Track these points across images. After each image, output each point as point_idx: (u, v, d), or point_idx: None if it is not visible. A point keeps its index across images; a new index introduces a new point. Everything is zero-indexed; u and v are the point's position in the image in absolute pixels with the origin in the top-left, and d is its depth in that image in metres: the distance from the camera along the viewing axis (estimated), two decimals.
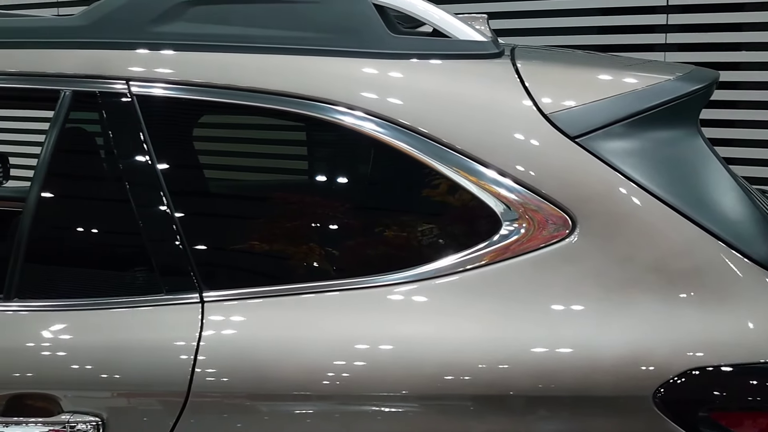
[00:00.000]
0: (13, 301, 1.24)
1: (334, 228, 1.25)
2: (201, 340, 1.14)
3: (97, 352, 1.17)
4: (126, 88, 1.28)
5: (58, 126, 1.28)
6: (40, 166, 1.27)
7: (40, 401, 1.17)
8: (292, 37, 1.27)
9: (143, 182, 1.24)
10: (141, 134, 1.25)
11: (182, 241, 1.21)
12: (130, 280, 1.24)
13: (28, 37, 1.37)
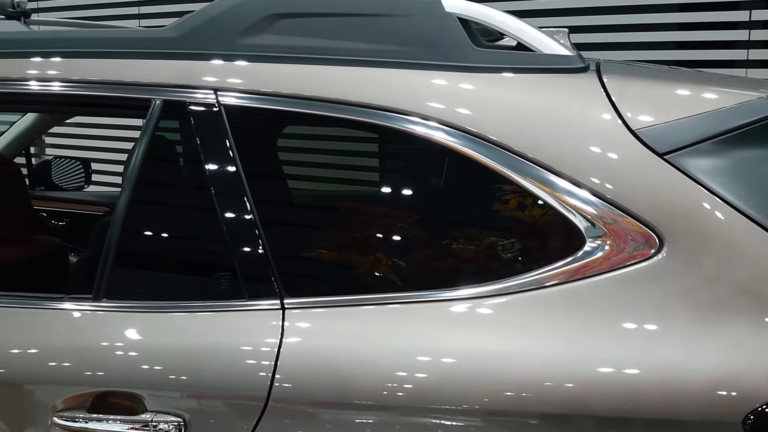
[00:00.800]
0: (101, 302, 1.28)
1: (414, 240, 1.25)
2: (281, 347, 1.16)
3: (180, 354, 1.20)
4: (214, 98, 1.31)
5: (148, 134, 1.33)
6: (130, 173, 1.31)
7: (126, 400, 1.20)
8: (376, 50, 1.28)
9: (229, 190, 1.26)
10: (227, 143, 1.28)
11: (264, 248, 1.23)
12: (213, 284, 1.27)
13: (122, 48, 1.42)
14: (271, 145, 1.36)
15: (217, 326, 1.21)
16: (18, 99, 1.50)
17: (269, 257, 1.23)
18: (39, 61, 1.45)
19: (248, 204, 1.25)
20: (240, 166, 1.27)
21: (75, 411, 1.21)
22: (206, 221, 1.30)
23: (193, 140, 1.30)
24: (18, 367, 1.25)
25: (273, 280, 1.22)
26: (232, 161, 1.27)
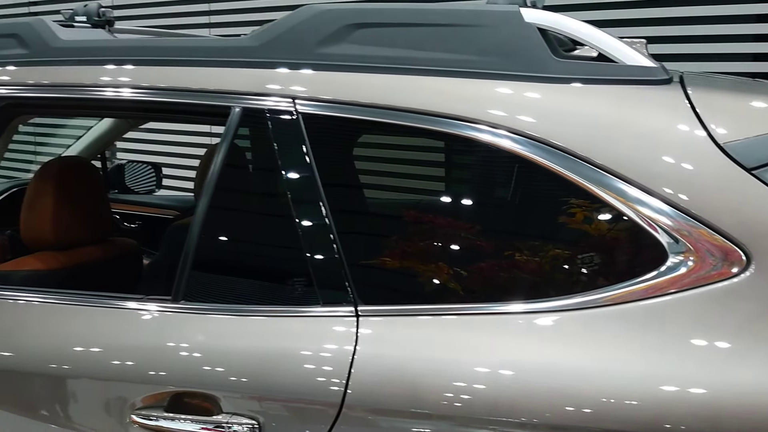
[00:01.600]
0: (180, 303, 1.31)
1: (489, 251, 1.25)
2: (356, 354, 1.16)
3: (255, 358, 1.21)
4: (292, 106, 1.33)
5: (227, 141, 1.36)
6: (209, 179, 1.34)
7: (202, 400, 1.23)
8: (455, 60, 1.28)
9: (305, 197, 1.28)
10: (304, 151, 1.30)
11: (339, 255, 1.24)
12: (288, 290, 1.28)
13: (205, 56, 1.46)
14: (347, 153, 1.37)
15: (292, 331, 1.23)
16: (104, 105, 1.55)
17: (344, 264, 1.24)
18: (124, 68, 1.50)
19: (324, 211, 1.26)
20: (316, 173, 1.28)
21: (152, 409, 1.24)
22: (282, 227, 1.32)
23: (271, 147, 1.33)
24: (100, 365, 1.29)
25: (347, 286, 1.23)
26: (309, 169, 1.29)
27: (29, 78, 1.57)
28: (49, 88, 1.55)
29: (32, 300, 1.43)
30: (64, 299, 1.41)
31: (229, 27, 5.07)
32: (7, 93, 1.58)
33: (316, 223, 1.26)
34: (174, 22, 5.31)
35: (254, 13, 4.99)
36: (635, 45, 1.38)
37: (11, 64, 1.61)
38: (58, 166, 1.81)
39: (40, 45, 1.61)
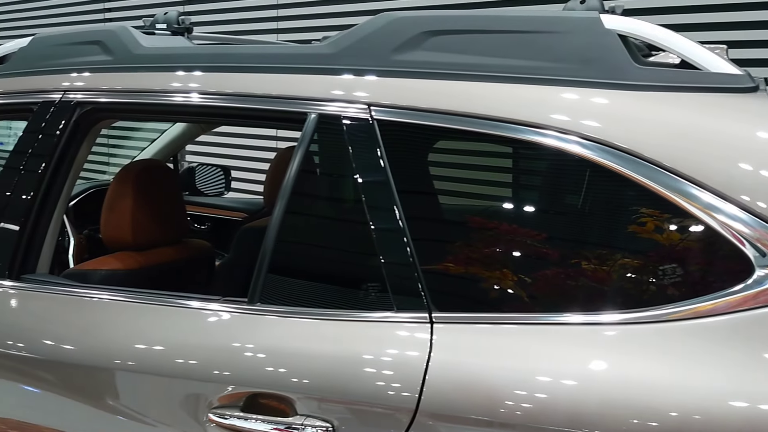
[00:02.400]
0: (255, 305, 1.34)
1: (565, 260, 1.23)
2: (430, 360, 1.16)
3: (330, 361, 1.23)
4: (367, 113, 1.34)
5: (303, 147, 1.38)
6: (286, 184, 1.36)
7: (277, 402, 1.24)
8: (531, 67, 1.27)
9: (380, 203, 1.29)
10: (380, 157, 1.31)
11: (414, 261, 1.24)
12: (362, 294, 1.29)
13: (281, 63, 1.49)
14: (422, 159, 1.38)
15: (366, 336, 1.24)
16: (184, 110, 1.59)
17: (418, 270, 1.24)
18: (204, 75, 1.54)
19: (398, 217, 1.27)
20: (391, 179, 1.29)
21: (229, 409, 1.27)
22: (357, 232, 1.33)
23: (346, 153, 1.34)
24: (179, 363, 1.32)
25: (422, 293, 1.23)
26: (384, 175, 1.29)
27: (113, 84, 1.63)
28: (132, 94, 1.60)
29: (112, 299, 1.48)
30: (143, 299, 1.45)
31: (296, 33, 5.15)
32: (91, 98, 1.64)
33: (391, 229, 1.27)
34: (243, 28, 5.42)
35: (320, 19, 5.05)
36: (716, 51, 1.34)
37: (95, 70, 1.68)
38: (137, 169, 1.87)
39: (123, 52, 1.67)
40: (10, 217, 1.62)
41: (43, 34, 1.86)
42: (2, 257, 1.60)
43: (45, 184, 1.63)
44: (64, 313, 1.51)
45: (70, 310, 1.51)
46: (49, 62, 1.75)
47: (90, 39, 1.73)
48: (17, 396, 1.48)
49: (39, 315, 1.54)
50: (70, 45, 1.76)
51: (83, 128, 1.67)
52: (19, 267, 1.60)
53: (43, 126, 1.66)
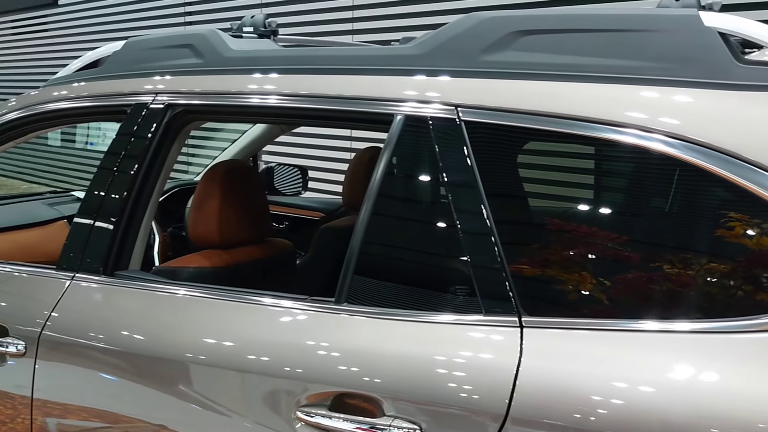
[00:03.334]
0: (342, 305, 1.34)
1: (659, 265, 1.19)
2: (520, 365, 1.15)
3: (418, 363, 1.22)
4: (455, 114, 1.34)
5: (390, 148, 1.38)
6: (373, 185, 1.37)
7: (364, 402, 1.25)
8: (627, 67, 1.24)
9: (468, 205, 1.28)
10: (467, 159, 1.30)
11: (502, 264, 1.23)
12: (449, 297, 1.28)
13: (367, 65, 1.49)
14: (511, 161, 1.36)
15: (454, 338, 1.23)
16: (272, 112, 1.61)
17: (507, 273, 1.22)
18: (291, 77, 1.56)
19: (487, 219, 1.25)
20: (479, 181, 1.28)
21: (316, 408, 1.28)
22: (445, 234, 1.32)
23: (433, 155, 1.33)
24: (268, 361, 1.34)
25: (511, 296, 1.21)
26: (472, 177, 1.28)
27: (203, 86, 1.67)
28: (221, 96, 1.63)
29: (201, 296, 1.51)
30: (231, 297, 1.48)
31: (372, 34, 5.17)
32: (182, 100, 1.68)
33: (479, 232, 1.26)
34: (318, 30, 5.48)
35: (395, 20, 5.06)
36: None
37: (186, 72, 1.72)
38: (223, 169, 1.91)
39: (213, 55, 1.71)
40: (105, 216, 1.68)
41: (135, 38, 1.92)
42: (97, 254, 1.66)
43: (138, 184, 1.68)
44: (156, 309, 1.56)
45: (162, 306, 1.56)
46: (142, 65, 1.81)
47: (181, 42, 1.78)
48: (114, 388, 1.53)
49: (132, 310, 1.59)
50: (161, 48, 1.81)
51: (174, 129, 1.72)
52: (113, 264, 1.66)
53: (135, 127, 1.72)
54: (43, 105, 1.91)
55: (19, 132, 1.98)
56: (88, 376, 1.57)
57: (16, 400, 1.68)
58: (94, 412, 1.56)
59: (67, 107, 1.88)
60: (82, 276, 1.67)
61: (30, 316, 1.67)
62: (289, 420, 1.31)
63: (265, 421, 1.35)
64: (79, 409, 1.58)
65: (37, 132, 2.02)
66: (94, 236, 1.68)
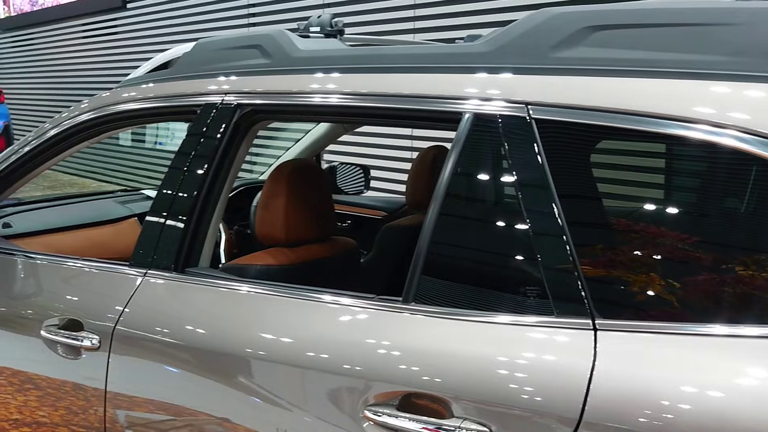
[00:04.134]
0: (410, 304, 1.34)
1: (739, 268, 1.15)
2: (594, 370, 1.12)
3: (487, 364, 1.21)
4: (525, 112, 1.31)
5: (458, 147, 1.36)
6: (441, 184, 1.35)
7: (433, 402, 1.24)
8: (709, 62, 1.20)
9: (539, 205, 1.26)
10: (539, 157, 1.27)
11: (575, 265, 1.20)
12: (519, 298, 1.26)
13: (435, 63, 1.48)
14: (583, 159, 1.33)
15: (525, 340, 1.21)
16: (339, 111, 1.62)
17: (580, 275, 1.20)
18: (360, 76, 1.56)
19: (559, 219, 1.23)
20: (551, 181, 1.25)
21: (384, 407, 1.28)
22: (515, 235, 1.30)
23: (503, 154, 1.32)
24: (337, 359, 1.35)
25: (584, 299, 1.19)
26: (544, 176, 1.26)
27: (271, 86, 1.68)
28: (289, 96, 1.65)
29: (268, 293, 1.53)
30: (299, 294, 1.49)
31: (433, 32, 5.15)
32: (250, 100, 1.71)
33: (551, 232, 1.23)
34: (380, 29, 5.49)
35: (457, 18, 5.04)
36: None
37: (255, 73, 1.74)
38: (289, 168, 1.93)
39: (281, 55, 1.72)
40: (177, 214, 1.72)
41: (205, 40, 1.95)
42: (169, 252, 1.70)
43: (207, 184, 1.71)
44: (226, 306, 1.58)
45: (231, 302, 1.58)
46: (211, 66, 1.84)
47: (249, 43, 1.81)
48: (183, 381, 1.56)
49: (202, 307, 1.62)
50: (230, 49, 1.84)
51: (243, 129, 1.74)
52: (184, 261, 1.69)
53: (205, 128, 1.75)
54: (114, 106, 1.96)
55: (91, 133, 2.04)
56: (159, 370, 1.61)
57: (90, 392, 1.73)
58: (164, 405, 1.60)
59: (138, 108, 1.92)
60: (154, 273, 1.70)
61: (104, 312, 1.72)
62: (356, 418, 1.31)
63: (331, 418, 1.35)
64: (150, 402, 1.62)
65: (109, 132, 2.08)
66: (165, 234, 1.72)
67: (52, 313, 1.82)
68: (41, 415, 1.88)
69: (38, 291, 1.97)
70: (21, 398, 1.92)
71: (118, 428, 1.69)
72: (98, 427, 1.73)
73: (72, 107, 2.10)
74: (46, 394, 1.85)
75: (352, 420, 1.32)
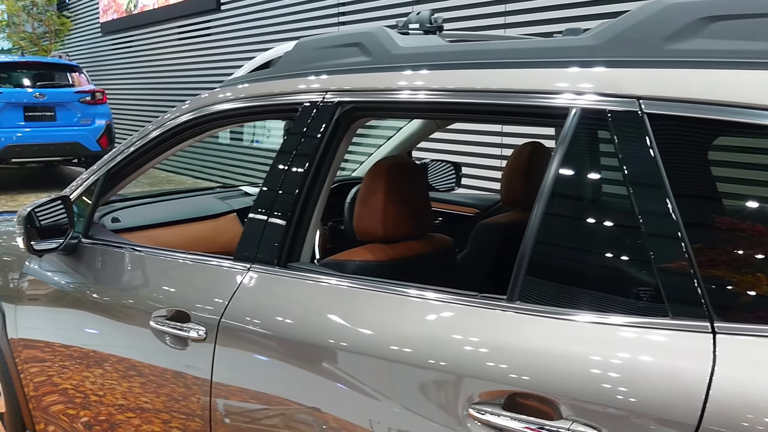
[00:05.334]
0: (515, 303, 1.32)
1: None
2: (714, 374, 1.07)
3: (598, 365, 1.18)
4: (637, 107, 1.27)
5: (565, 143, 1.33)
6: (547, 181, 1.33)
7: (540, 402, 1.22)
8: None
9: (653, 203, 1.21)
10: (652, 154, 1.23)
11: (692, 265, 1.16)
12: (631, 298, 1.23)
13: (540, 57, 1.46)
14: (700, 156, 1.28)
15: (638, 342, 1.17)
16: (440, 108, 1.61)
17: (697, 275, 1.15)
18: (461, 72, 1.55)
19: (674, 218, 1.18)
20: (666, 178, 1.21)
21: (489, 406, 1.26)
22: (626, 234, 1.27)
23: (613, 150, 1.28)
24: (442, 357, 1.34)
25: (702, 300, 1.14)
26: (658, 173, 1.22)
27: (372, 83, 1.69)
28: (390, 93, 1.65)
29: (368, 289, 1.54)
30: (399, 291, 1.49)
31: (525, 27, 5.08)
32: (351, 98, 1.72)
33: (666, 231, 1.19)
34: (469, 25, 5.45)
35: (549, 11, 4.94)
36: None
37: (355, 70, 1.76)
38: (387, 165, 1.93)
39: (381, 52, 1.73)
40: (280, 211, 1.75)
41: (306, 39, 1.98)
42: (272, 247, 1.73)
43: (309, 180, 1.74)
44: (328, 301, 1.60)
45: (333, 297, 1.60)
46: (313, 64, 1.87)
47: (350, 41, 1.82)
48: (286, 374, 1.59)
49: (305, 301, 1.64)
50: (331, 48, 1.86)
51: (343, 127, 1.76)
52: (287, 256, 1.73)
53: (306, 125, 1.78)
54: (215, 106, 2.02)
55: (193, 132, 2.11)
56: (262, 362, 1.65)
57: (193, 380, 1.79)
58: (267, 398, 1.63)
59: (239, 107, 1.97)
60: (258, 267, 1.75)
61: (210, 304, 1.78)
62: (459, 417, 1.30)
63: (434, 416, 1.34)
64: (254, 394, 1.66)
65: (212, 131, 2.14)
66: (268, 230, 1.76)
67: (160, 305, 1.90)
68: (144, 401, 1.96)
69: (146, 283, 2.05)
70: (126, 384, 2.01)
71: (219, 417, 1.74)
72: (200, 414, 1.79)
73: (174, 108, 2.18)
74: (148, 381, 1.92)
75: (454, 418, 1.31)
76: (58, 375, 2.29)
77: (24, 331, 2.41)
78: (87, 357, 2.15)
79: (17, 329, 2.43)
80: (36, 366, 2.38)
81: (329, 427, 1.50)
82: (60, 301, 2.27)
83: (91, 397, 2.17)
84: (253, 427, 1.68)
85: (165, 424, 1.92)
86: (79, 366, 2.19)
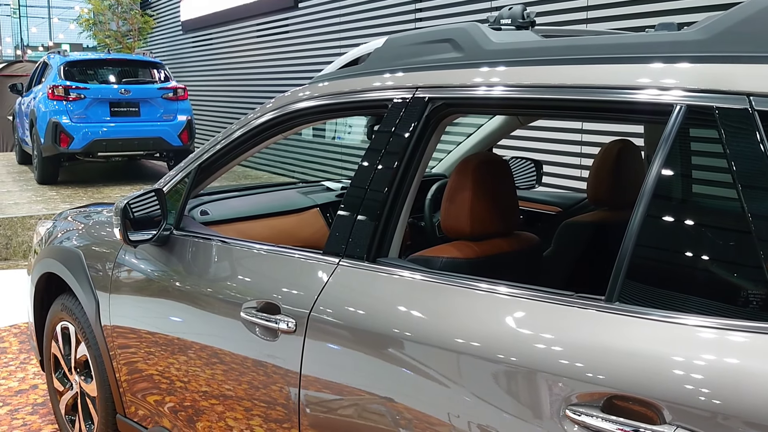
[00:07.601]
0: (614, 304, 1.29)
1: None
2: None
3: (704, 370, 1.14)
4: (747, 104, 1.23)
5: (669, 141, 1.30)
6: (650, 180, 1.29)
7: (641, 406, 1.19)
8: None
9: (763, 205, 1.17)
10: (762, 153, 1.18)
11: None
12: (739, 302, 1.18)
13: (641, 52, 1.42)
14: None
15: (749, 347, 1.13)
16: (531, 104, 1.59)
17: None
18: (557, 68, 1.52)
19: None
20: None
21: (587, 408, 1.24)
22: (735, 236, 1.22)
23: (722, 148, 1.24)
24: (539, 358, 1.33)
25: None
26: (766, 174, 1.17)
27: (463, 79, 1.69)
28: (482, 89, 1.64)
29: (457, 285, 1.54)
30: (490, 288, 1.48)
31: (607, 21, 4.96)
32: (442, 94, 1.72)
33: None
34: (550, 20, 5.36)
35: (631, 6, 4.81)
36: None
37: (446, 67, 1.75)
38: (475, 162, 1.92)
39: (473, 48, 1.72)
40: (369, 206, 1.77)
41: (396, 35, 1.99)
42: (361, 242, 1.75)
43: (399, 176, 1.75)
44: (417, 296, 1.61)
45: (421, 293, 1.60)
46: (403, 61, 1.87)
47: (441, 38, 1.82)
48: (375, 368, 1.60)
49: (394, 296, 1.65)
50: (422, 44, 1.86)
51: (433, 123, 1.76)
52: (376, 251, 1.74)
53: (397, 121, 1.78)
54: (300, 103, 2.04)
55: (279, 129, 2.15)
56: (351, 355, 1.66)
57: (282, 372, 1.82)
58: (355, 391, 1.65)
59: (328, 103, 1.99)
60: (347, 262, 1.76)
61: (300, 297, 1.80)
62: (557, 417, 1.28)
63: (529, 417, 1.33)
64: (342, 387, 1.68)
65: (296, 128, 2.18)
66: (358, 225, 1.77)
67: (250, 297, 1.94)
68: (227, 388, 2.01)
69: (236, 274, 2.10)
70: (209, 372, 2.06)
71: (307, 408, 1.76)
72: (283, 404, 1.82)
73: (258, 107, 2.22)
74: (230, 369, 1.97)
75: (550, 420, 1.29)
76: (144, 361, 2.37)
77: (117, 318, 2.50)
78: (172, 344, 2.22)
79: (111, 317, 2.53)
80: (127, 352, 2.47)
81: (418, 425, 1.51)
82: (151, 290, 2.35)
83: (176, 383, 2.24)
84: (341, 420, 1.70)
85: (247, 412, 1.96)
86: (164, 353, 2.26)
